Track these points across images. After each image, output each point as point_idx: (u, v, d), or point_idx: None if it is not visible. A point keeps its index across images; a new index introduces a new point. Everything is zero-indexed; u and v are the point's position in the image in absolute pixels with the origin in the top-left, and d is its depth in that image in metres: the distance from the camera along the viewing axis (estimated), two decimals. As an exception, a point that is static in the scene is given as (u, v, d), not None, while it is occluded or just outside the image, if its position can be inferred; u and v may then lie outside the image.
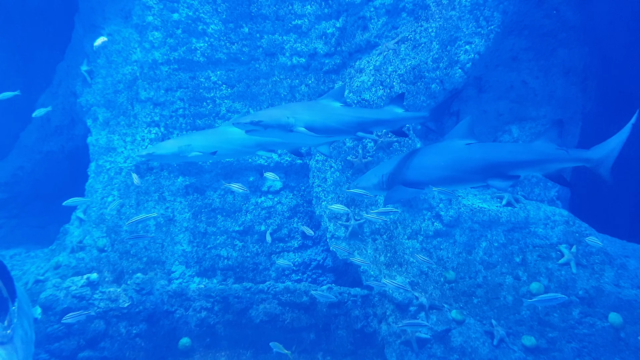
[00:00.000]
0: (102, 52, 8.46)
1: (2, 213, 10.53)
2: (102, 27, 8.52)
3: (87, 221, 8.01)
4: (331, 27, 7.90)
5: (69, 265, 7.47)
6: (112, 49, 8.42)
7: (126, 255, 7.71)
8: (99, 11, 8.55)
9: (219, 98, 8.20)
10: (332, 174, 7.34)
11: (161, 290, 7.10)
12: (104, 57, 8.47)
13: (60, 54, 9.58)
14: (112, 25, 8.46)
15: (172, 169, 8.20)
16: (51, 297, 6.38)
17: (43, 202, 10.67)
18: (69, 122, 9.86)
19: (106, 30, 8.47)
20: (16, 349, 4.15)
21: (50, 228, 9.90)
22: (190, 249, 7.98)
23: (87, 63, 8.55)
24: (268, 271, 8.05)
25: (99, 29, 8.57)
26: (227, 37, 8.08)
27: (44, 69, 9.84)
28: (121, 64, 8.36)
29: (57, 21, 9.72)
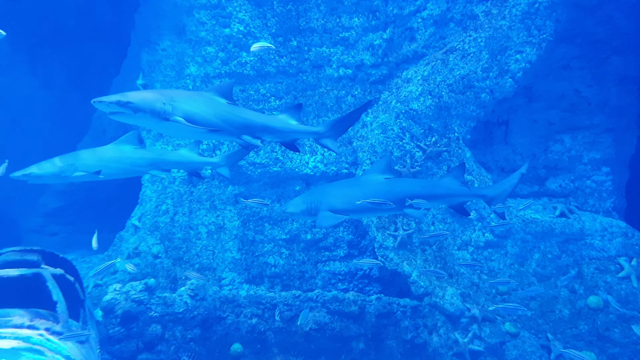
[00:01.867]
0: (157, 66, 8.83)
1: (59, 220, 11.05)
2: (157, 42, 8.90)
3: (141, 228, 8.33)
4: (378, 38, 8.00)
5: (125, 271, 7.78)
6: (166, 63, 8.78)
7: (179, 262, 7.97)
8: (154, 27, 8.94)
9: (267, 110, 8.41)
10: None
11: (213, 296, 7.30)
12: (158, 72, 8.83)
13: (116, 68, 10.05)
14: (167, 41, 8.82)
15: (222, 178, 8.42)
16: (112, 301, 6.66)
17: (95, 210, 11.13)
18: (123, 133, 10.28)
19: (161, 45, 8.85)
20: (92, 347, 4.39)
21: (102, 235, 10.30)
22: (239, 256, 8.18)
23: (143, 77, 8.93)
24: (314, 279, 8.16)
25: (154, 44, 8.96)
26: (276, 51, 8.30)
27: (101, 83, 10.33)
28: (175, 77, 8.70)
29: (114, 37, 10.20)
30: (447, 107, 7.31)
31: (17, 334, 3.78)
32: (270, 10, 8.19)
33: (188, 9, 8.42)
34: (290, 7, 8.15)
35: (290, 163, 8.23)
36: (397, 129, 7.37)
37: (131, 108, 4.12)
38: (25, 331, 3.91)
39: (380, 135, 7.43)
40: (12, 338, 3.66)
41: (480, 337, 5.97)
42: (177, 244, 8.12)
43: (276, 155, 8.27)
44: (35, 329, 4.02)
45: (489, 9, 7.32)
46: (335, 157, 8.03)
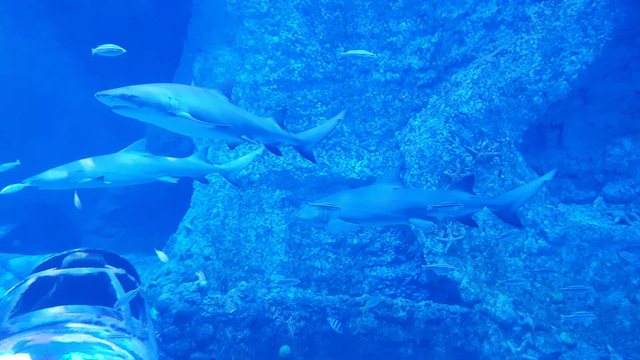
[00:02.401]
0: (208, 74, 9.12)
1: (115, 222, 11.55)
2: (208, 51, 9.19)
3: (193, 231, 8.60)
4: (426, 42, 7.96)
5: (178, 272, 8.05)
6: (216, 71, 9.05)
7: (229, 264, 8.18)
8: (206, 37, 9.24)
9: (314, 115, 8.52)
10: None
11: (262, 298, 7.44)
12: (209, 79, 9.12)
13: (169, 77, 10.43)
14: (217, 50, 9.10)
15: (270, 182, 8.59)
16: (167, 301, 6.91)
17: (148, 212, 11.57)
18: (175, 139, 10.68)
19: (212, 54, 9.14)
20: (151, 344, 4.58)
21: (154, 236, 10.72)
22: (286, 259, 8.30)
23: (194, 85, 9.25)
24: (361, 284, 8.17)
25: (205, 53, 9.26)
26: (323, 57, 8.41)
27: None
28: (225, 85, 8.95)
29: (167, 47, 10.61)
30: (498, 111, 7.18)
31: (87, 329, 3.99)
32: (317, 18, 8.31)
33: (238, 18, 8.66)
34: (337, 13, 8.24)
35: (336, 168, 8.30)
36: (447, 133, 7.30)
37: (136, 102, 3.98)
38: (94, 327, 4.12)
39: (429, 139, 7.38)
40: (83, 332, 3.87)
41: (534, 346, 5.81)
42: (227, 246, 8.33)
43: (322, 160, 8.36)
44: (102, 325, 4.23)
45: (542, 9, 7.15)
46: (382, 162, 8.03)
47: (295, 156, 8.43)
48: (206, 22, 9.20)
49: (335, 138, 8.37)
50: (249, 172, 8.58)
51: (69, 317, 4.15)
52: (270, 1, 8.39)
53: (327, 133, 5.73)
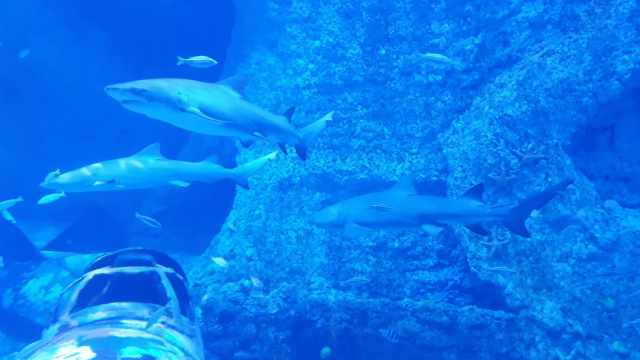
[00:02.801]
0: (251, 79, 9.30)
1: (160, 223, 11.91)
2: (251, 56, 9.38)
3: (236, 232, 8.78)
4: (469, 43, 7.86)
5: (222, 272, 8.23)
6: (259, 76, 9.22)
7: (271, 265, 8.29)
8: (248, 42, 9.44)
9: (354, 118, 8.54)
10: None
11: (304, 299, 7.52)
12: (251, 84, 9.30)
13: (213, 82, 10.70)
14: (259, 55, 9.27)
15: (310, 185, 8.66)
16: (211, 300, 7.08)
17: (192, 213, 11.89)
18: (219, 143, 10.94)
19: (254, 59, 9.32)
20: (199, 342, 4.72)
21: (198, 237, 11.00)
22: (327, 261, 8.34)
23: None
24: (402, 288, 8.11)
25: (247, 58, 9.45)
26: (364, 60, 8.43)
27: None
28: (267, 89, 9.11)
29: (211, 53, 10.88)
30: (544, 113, 7.00)
31: (140, 325, 4.15)
32: (359, 21, 8.34)
33: (280, 23, 8.80)
34: (379, 16, 8.25)
35: (377, 170, 8.29)
36: (491, 135, 7.18)
37: (146, 96, 3.93)
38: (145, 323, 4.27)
39: (473, 141, 7.28)
40: (137, 328, 4.03)
41: (585, 355, 5.62)
42: (269, 247, 8.45)
43: (363, 163, 8.37)
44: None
45: (592, 8, 6.94)
46: (424, 164, 7.97)
47: (335, 159, 8.48)
48: (249, 28, 9.40)
49: (376, 140, 8.37)
50: (289, 175, 8.69)
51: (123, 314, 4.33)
52: (312, 6, 8.49)
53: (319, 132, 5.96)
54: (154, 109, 4.04)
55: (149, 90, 3.94)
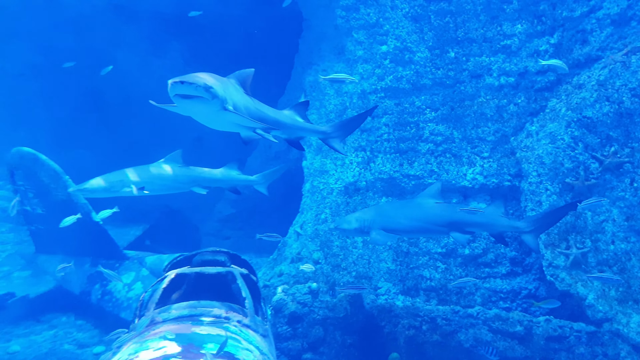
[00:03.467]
0: (317, 86, 9.47)
1: (231, 225, 12.36)
2: (318, 63, 9.55)
3: (303, 235, 8.95)
4: (544, 44, 7.57)
5: (290, 274, 8.41)
6: (325, 82, 9.36)
7: (337, 269, 8.37)
8: (316, 50, 9.61)
9: (422, 122, 8.46)
10: (548, 197, 6.94)
11: (371, 304, 7.53)
12: (318, 91, 9.46)
13: (281, 89, 11.00)
14: (326, 62, 9.42)
15: (376, 189, 8.66)
16: (281, 301, 7.26)
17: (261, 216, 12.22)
18: (286, 148, 11.20)
19: (321, 66, 9.47)
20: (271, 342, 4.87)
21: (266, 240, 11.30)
22: (394, 267, 8.30)
23: (304, 96, 9.64)
24: (473, 296, 7.91)
25: (315, 65, 9.63)
26: (432, 63, 8.34)
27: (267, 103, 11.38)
28: (333, 95, 9.23)
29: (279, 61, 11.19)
30: (629, 114, 6.60)
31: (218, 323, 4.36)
32: (427, 25, 8.27)
33: (347, 30, 8.90)
34: (448, 19, 8.14)
35: (446, 175, 8.15)
36: (568, 139, 6.86)
37: (212, 93, 3.91)
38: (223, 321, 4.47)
39: (549, 145, 6.99)
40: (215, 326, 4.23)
41: None
42: (335, 251, 8.54)
43: (431, 167, 8.27)
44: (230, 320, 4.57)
45: (683, 1, 6.47)
46: (497, 169, 7.75)
47: (402, 163, 8.43)
48: (316, 36, 9.58)
49: (445, 144, 8.24)
50: (355, 179, 8.74)
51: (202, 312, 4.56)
52: (379, 12, 8.52)
53: (358, 124, 5.66)
54: (207, 107, 4.01)
55: (214, 88, 3.93)
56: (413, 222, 5.79)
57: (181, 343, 3.59)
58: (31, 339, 7.43)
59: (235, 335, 4.24)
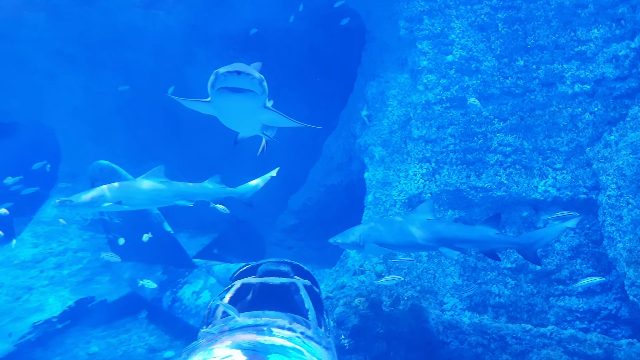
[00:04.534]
0: (379, 97, 9.45)
1: (294, 236, 12.54)
2: (381, 75, 9.54)
3: (366, 248, 8.89)
4: (624, 48, 7.11)
5: (352, 287, 8.38)
6: (388, 94, 9.33)
7: (401, 282, 8.24)
8: (379, 62, 9.62)
9: (490, 132, 8.19)
10: (629, 211, 6.47)
11: (436, 320, 7.32)
12: (380, 102, 9.44)
13: (343, 101, 11.08)
14: (389, 73, 9.39)
15: (441, 202, 8.46)
16: (343, 314, 7.24)
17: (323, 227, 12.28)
18: (348, 159, 11.23)
19: (384, 78, 9.46)
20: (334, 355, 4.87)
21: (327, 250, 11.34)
22: (460, 282, 8.05)
23: (367, 108, 9.66)
24: (545, 314, 7.50)
25: (377, 77, 9.63)
26: (500, 72, 8.07)
27: (330, 116, 11.53)
28: (396, 106, 9.17)
29: (342, 74, 11.31)
30: None
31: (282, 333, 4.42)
32: (494, 33, 8.04)
33: (411, 41, 8.83)
34: (516, 27, 7.87)
35: (516, 187, 7.82)
36: (652, 149, 6.38)
37: (263, 87, 3.79)
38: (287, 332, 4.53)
39: (630, 156, 6.52)
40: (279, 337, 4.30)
41: None
42: (398, 265, 8.41)
43: (500, 179, 7.96)
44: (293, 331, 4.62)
45: None
46: (571, 181, 7.33)
47: (469, 175, 8.19)
48: (379, 48, 9.58)
49: (515, 155, 7.92)
50: (419, 191, 8.59)
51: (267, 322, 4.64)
52: (444, 22, 8.39)
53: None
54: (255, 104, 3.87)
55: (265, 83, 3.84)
56: (408, 237, 6.07)
57: (246, 352, 3.68)
58: (108, 341, 7.90)
59: (299, 347, 4.28)
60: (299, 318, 4.95)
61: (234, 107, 4.06)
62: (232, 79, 3.63)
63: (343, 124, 10.91)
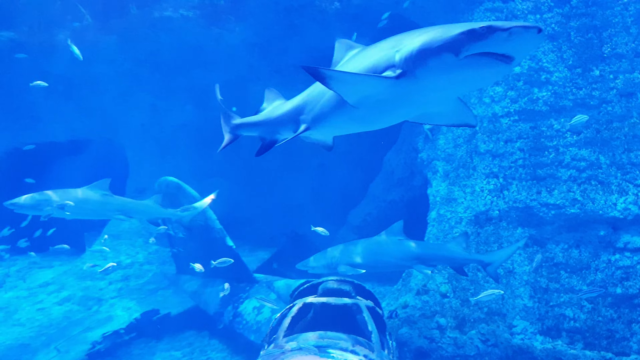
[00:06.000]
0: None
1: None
2: (444, 88, 9.29)
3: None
4: None
5: (415, 307, 8.11)
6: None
7: (467, 304, 7.87)
8: (442, 75, 9.37)
9: (562, 146, 7.74)
10: None
11: (505, 344, 6.94)
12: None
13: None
14: (454, 86, 9.12)
15: (510, 219, 8.06)
16: (406, 335, 7.02)
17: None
18: (409, 174, 10.99)
19: (446, 90, 9.20)
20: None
21: (387, 268, 11.09)
22: (531, 304, 7.59)
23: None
24: (627, 342, 6.91)
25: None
26: (573, 83, 7.63)
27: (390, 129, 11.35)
28: (460, 119, 8.87)
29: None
30: None
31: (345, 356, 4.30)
32: (566, 42, 7.63)
33: (476, 53, 8.55)
34: (590, 35, 7.43)
35: (591, 204, 7.32)
36: None
37: None
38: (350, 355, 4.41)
39: None
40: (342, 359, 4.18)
41: None
42: (464, 284, 8.06)
43: (574, 196, 7.48)
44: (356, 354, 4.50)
45: None
46: (656, 199, 6.76)
47: (539, 191, 7.76)
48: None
49: (590, 170, 7.43)
50: (487, 208, 8.23)
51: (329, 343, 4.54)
52: (511, 31, 8.07)
53: None
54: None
55: None
56: (382, 257, 6.54)
57: (311, 376, 3.59)
58: (172, 354, 8.06)
59: (363, 371, 4.15)
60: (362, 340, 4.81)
61: (476, 82, 3.00)
62: (501, 39, 2.54)
63: (404, 138, 10.71)
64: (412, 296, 8.38)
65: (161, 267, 10.36)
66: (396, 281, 9.38)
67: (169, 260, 10.29)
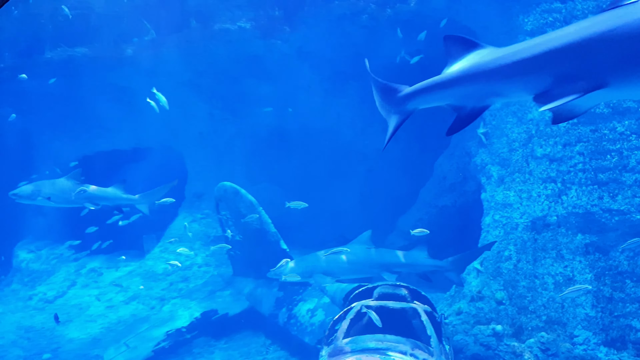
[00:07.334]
0: (497, 114, 9.05)
1: (404, 257, 12.30)
2: (499, 92, 9.15)
3: (484, 272, 8.47)
4: None
5: (469, 313, 8.02)
6: (506, 110, 8.91)
7: (524, 311, 7.71)
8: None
9: (626, 150, 7.45)
10: None
11: (567, 354, 6.74)
12: (498, 119, 9.04)
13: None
14: (510, 91, 8.97)
15: (569, 225, 7.83)
16: (462, 341, 6.95)
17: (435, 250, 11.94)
18: (462, 179, 10.85)
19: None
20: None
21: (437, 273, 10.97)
22: (593, 313, 7.33)
23: (483, 126, 9.30)
24: None
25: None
26: None
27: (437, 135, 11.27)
28: (516, 124, 8.72)
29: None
30: None
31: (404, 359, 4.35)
32: (630, 40, 7.34)
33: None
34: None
35: (659, 210, 7.00)
36: None
37: None
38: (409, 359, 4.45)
39: None
40: (402, 362, 4.24)
41: None
42: (521, 292, 7.89)
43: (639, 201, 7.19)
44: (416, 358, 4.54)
45: None
46: None
47: (601, 196, 7.51)
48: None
49: (657, 175, 7.12)
50: (544, 214, 8.03)
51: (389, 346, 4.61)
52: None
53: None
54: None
55: None
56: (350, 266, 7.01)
57: (373, 377, 3.68)
58: (229, 353, 8.35)
59: (423, 375, 4.19)
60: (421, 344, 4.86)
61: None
62: None
63: (456, 142, 10.60)
64: (466, 302, 8.27)
65: (218, 269, 10.73)
66: (445, 288, 9.30)
67: (226, 262, 10.65)
